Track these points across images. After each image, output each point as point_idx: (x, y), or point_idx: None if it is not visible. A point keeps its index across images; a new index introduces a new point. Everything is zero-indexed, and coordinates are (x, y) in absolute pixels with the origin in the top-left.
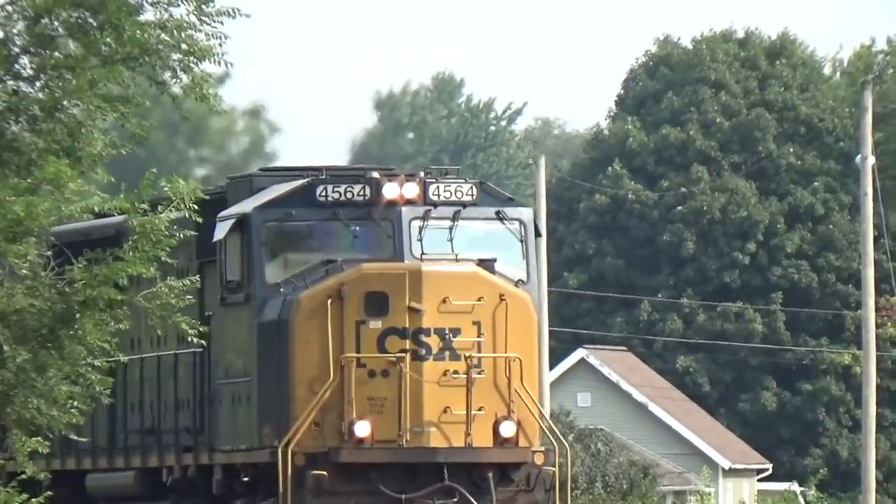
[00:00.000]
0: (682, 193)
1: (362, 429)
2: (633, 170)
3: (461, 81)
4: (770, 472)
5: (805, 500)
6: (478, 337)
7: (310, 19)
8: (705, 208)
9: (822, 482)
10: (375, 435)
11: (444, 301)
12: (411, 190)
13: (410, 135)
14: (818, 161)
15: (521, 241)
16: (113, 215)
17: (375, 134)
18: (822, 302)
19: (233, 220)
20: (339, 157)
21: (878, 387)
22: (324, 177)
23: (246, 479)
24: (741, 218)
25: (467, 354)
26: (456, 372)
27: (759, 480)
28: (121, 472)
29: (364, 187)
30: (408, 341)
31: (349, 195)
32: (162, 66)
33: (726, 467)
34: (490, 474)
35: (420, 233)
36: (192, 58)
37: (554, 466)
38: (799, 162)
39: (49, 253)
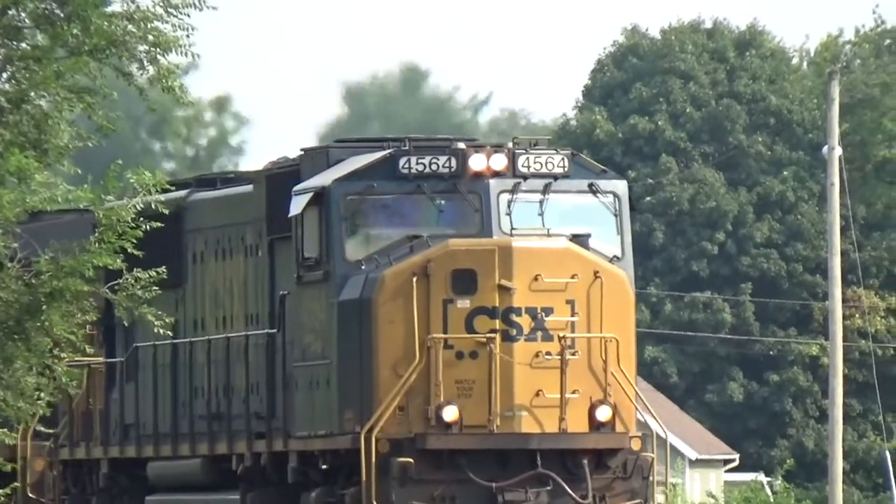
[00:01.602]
0: (650, 184)
1: (450, 413)
2: (600, 160)
3: (427, 72)
4: (737, 462)
5: (772, 491)
6: (571, 316)
7: (275, 10)
8: (674, 199)
9: (789, 473)
10: (464, 420)
11: (535, 279)
12: (499, 161)
13: (376, 125)
14: (787, 151)
15: (616, 216)
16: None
17: (342, 124)
18: (791, 292)
19: (310, 194)
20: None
21: (845, 377)
22: (406, 148)
23: (324, 466)
24: (710, 208)
25: (561, 335)
26: (548, 353)
27: (726, 471)
28: (186, 459)
29: (449, 159)
30: (497, 321)
31: (434, 167)
32: (128, 57)
33: (693, 458)
34: (585, 461)
35: (509, 206)
36: (158, 49)
37: (651, 452)
38: (768, 152)
39: (15, 245)
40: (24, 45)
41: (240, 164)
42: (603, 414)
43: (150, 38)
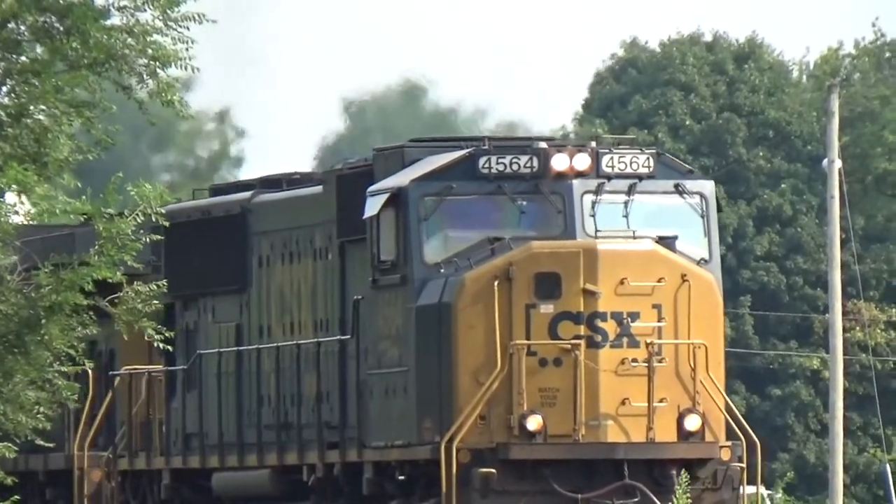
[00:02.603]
0: None
1: (534, 422)
2: None
3: (427, 85)
4: None
5: None
6: (658, 321)
7: (276, 22)
8: None
9: (790, 486)
10: (548, 429)
11: (621, 282)
12: (582, 161)
13: (378, 138)
14: (785, 164)
15: (703, 217)
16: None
17: (344, 138)
18: (791, 305)
19: (386, 195)
20: (307, 161)
21: (845, 391)
22: (486, 147)
23: (401, 477)
24: None
25: (648, 341)
26: (635, 360)
27: None
28: (253, 470)
29: (531, 158)
30: (582, 327)
31: (515, 167)
32: (128, 71)
33: None
34: (674, 471)
35: (593, 208)
36: (157, 63)
37: (742, 462)
38: (768, 165)
39: (15, 258)
40: (23, 58)
41: (239, 176)
42: (692, 423)
43: (150, 51)
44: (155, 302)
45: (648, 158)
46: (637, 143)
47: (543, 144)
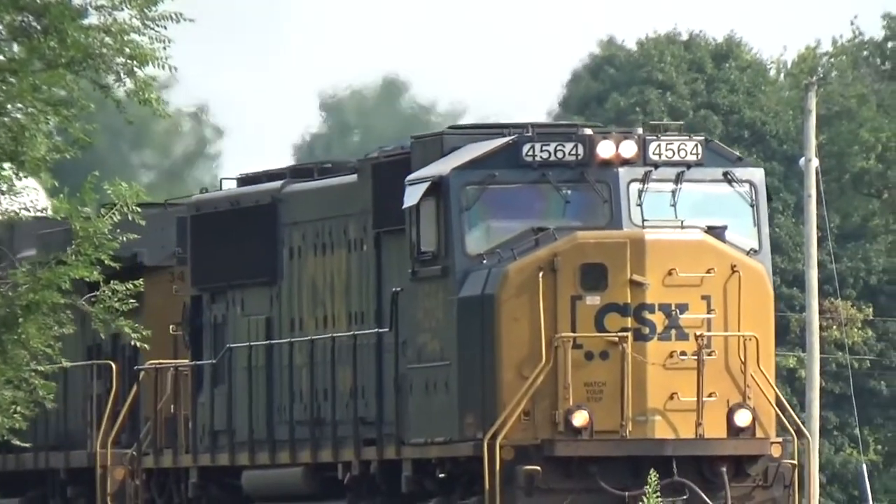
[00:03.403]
0: None
1: (580, 418)
2: None
3: (406, 83)
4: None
5: None
6: (707, 313)
7: (255, 20)
8: None
9: None
10: (594, 425)
11: (669, 273)
12: (629, 149)
13: (357, 136)
14: (762, 163)
15: (752, 206)
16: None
17: (322, 135)
18: None
19: (427, 184)
20: (285, 158)
21: (822, 390)
22: (530, 134)
23: (442, 475)
24: None
25: (697, 333)
26: (683, 353)
27: None
28: (285, 468)
29: (576, 146)
30: (629, 319)
31: (559, 154)
32: (105, 70)
33: None
34: (724, 468)
35: (639, 197)
36: (135, 62)
37: (792, 459)
38: None
39: None
40: (0, 57)
41: (218, 175)
42: (742, 418)
43: (127, 50)
44: (132, 301)
45: (696, 145)
46: (685, 129)
47: (588, 131)
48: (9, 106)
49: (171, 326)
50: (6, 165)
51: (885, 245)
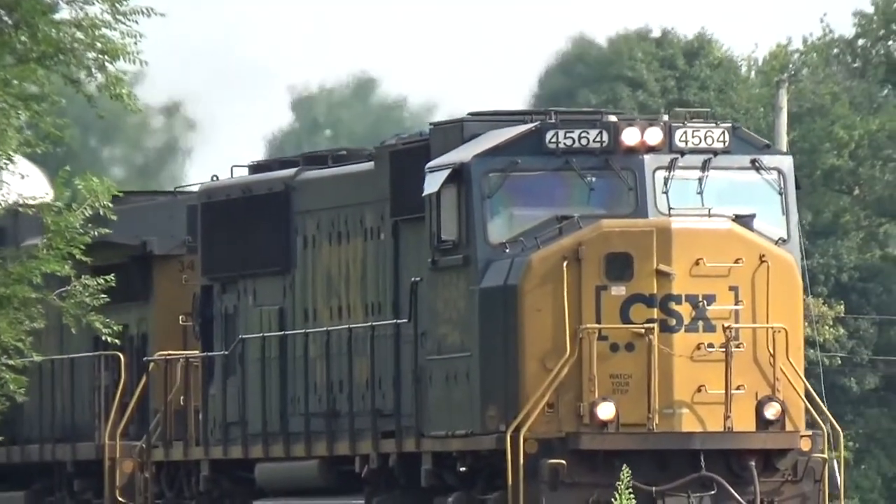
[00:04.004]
0: None
1: (606, 411)
2: None
3: (377, 80)
4: None
5: None
6: (735, 304)
7: (227, 16)
8: None
9: None
10: (620, 418)
11: (696, 263)
12: (654, 135)
13: (328, 132)
14: None
15: (781, 194)
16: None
17: (292, 132)
18: None
19: (448, 171)
20: (256, 153)
21: None
22: (553, 121)
23: (462, 469)
24: None
25: (725, 325)
26: (711, 345)
27: None
28: (300, 461)
29: (601, 132)
30: (656, 310)
31: (584, 141)
32: (77, 64)
33: None
34: (752, 462)
35: (665, 185)
36: (106, 57)
37: (822, 453)
38: None
39: None
40: None
41: (189, 170)
42: (772, 411)
43: (99, 45)
44: (103, 296)
45: (723, 132)
46: (711, 116)
47: (613, 118)
48: None
49: (180, 317)
50: None
51: (857, 242)
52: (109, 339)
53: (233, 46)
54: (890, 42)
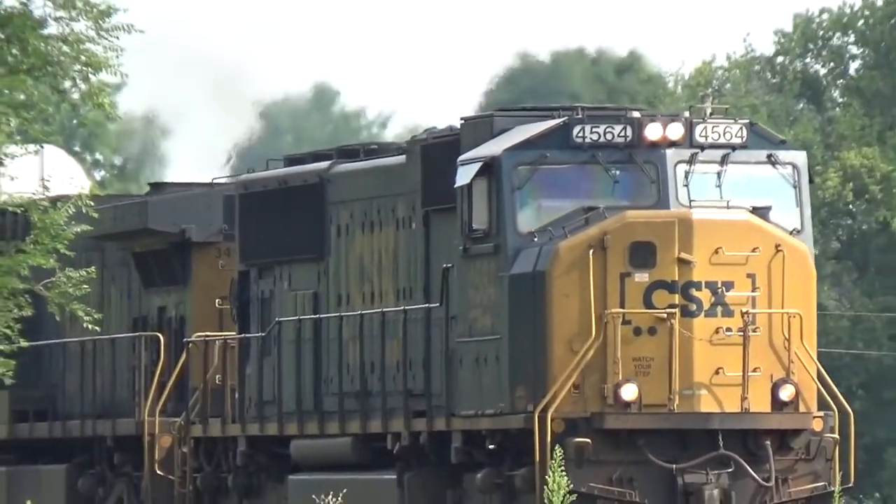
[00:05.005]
0: None
1: (630, 392)
2: None
3: (337, 91)
4: None
5: None
6: (752, 291)
7: (199, 31)
8: None
9: None
10: (642, 398)
11: (716, 252)
12: (676, 131)
13: (289, 138)
14: None
15: (795, 188)
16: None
17: (260, 138)
18: None
19: (479, 164)
20: (224, 161)
21: None
22: (580, 116)
23: (491, 446)
24: None
25: (742, 310)
26: (729, 329)
27: None
28: (334, 438)
29: (625, 128)
30: (677, 296)
31: (609, 136)
32: (63, 75)
33: None
34: (768, 442)
35: (686, 178)
36: (90, 69)
37: (834, 433)
38: None
39: None
40: None
41: (166, 174)
42: (786, 393)
43: (83, 58)
44: (85, 286)
45: (741, 128)
46: (730, 112)
47: (637, 114)
48: None
49: (216, 300)
50: None
51: None
52: (91, 326)
53: (209, 58)
54: (807, 59)
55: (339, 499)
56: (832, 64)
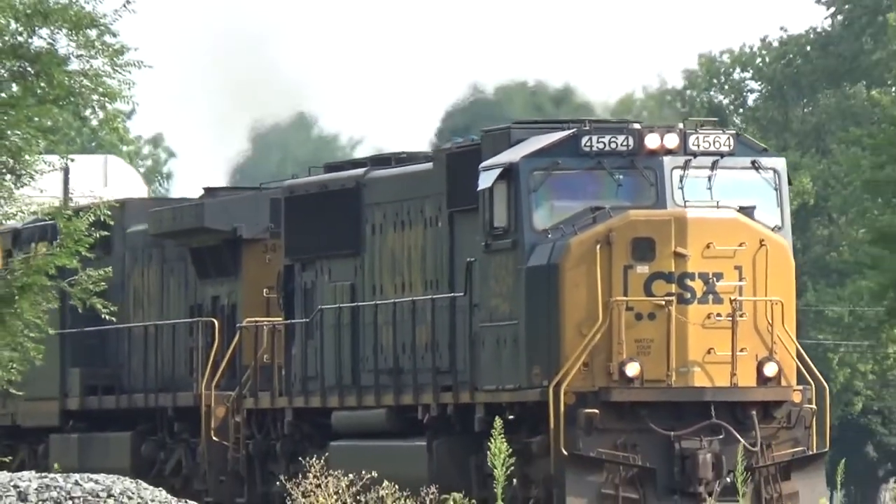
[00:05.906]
0: None
1: (633, 369)
2: None
3: (315, 116)
4: None
5: None
6: (739, 281)
7: (198, 62)
8: None
9: None
10: (643, 375)
11: (707, 246)
12: (672, 140)
13: (276, 158)
14: None
15: (776, 190)
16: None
17: (249, 158)
18: None
19: (499, 170)
20: (219, 177)
21: None
22: (588, 128)
23: (511, 417)
24: None
25: (731, 298)
26: (719, 314)
27: None
28: (370, 409)
29: (627, 138)
30: (673, 285)
31: (613, 145)
32: (83, 104)
33: None
34: (754, 412)
35: (681, 181)
36: (106, 99)
37: (811, 404)
38: None
39: None
40: (2, 94)
41: (170, 190)
42: (770, 370)
43: (100, 90)
44: (102, 284)
45: (729, 138)
46: (718, 125)
47: (637, 125)
48: (9, 132)
49: (264, 290)
50: (7, 178)
51: None
52: (107, 316)
53: (208, 91)
54: (711, 91)
55: (375, 473)
56: (733, 96)
